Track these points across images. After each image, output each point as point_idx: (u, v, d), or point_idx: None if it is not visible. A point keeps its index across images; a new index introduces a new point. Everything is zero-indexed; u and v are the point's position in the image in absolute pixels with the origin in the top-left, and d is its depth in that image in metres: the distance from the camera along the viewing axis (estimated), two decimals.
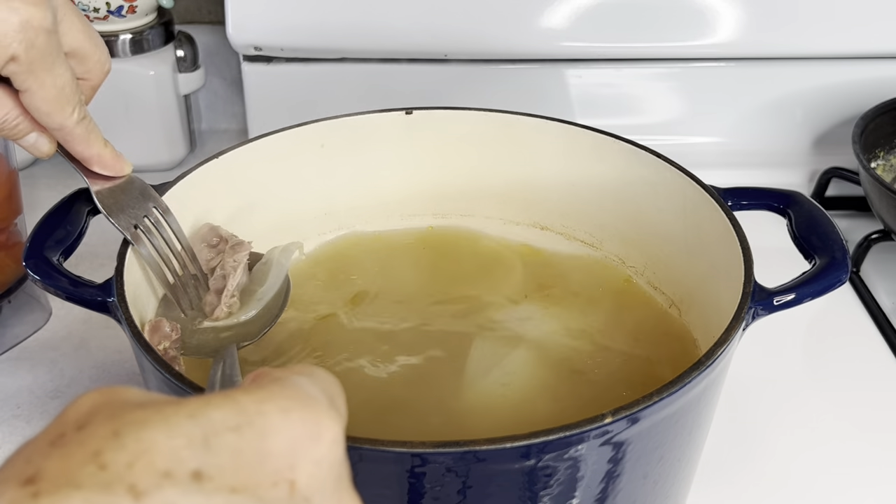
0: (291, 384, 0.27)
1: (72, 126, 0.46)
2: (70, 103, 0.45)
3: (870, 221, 0.80)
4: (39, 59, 0.42)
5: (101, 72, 0.48)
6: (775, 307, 0.46)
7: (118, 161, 0.50)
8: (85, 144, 0.47)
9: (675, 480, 0.46)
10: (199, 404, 0.25)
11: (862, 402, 0.64)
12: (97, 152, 0.48)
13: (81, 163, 0.49)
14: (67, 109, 0.45)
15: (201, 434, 0.24)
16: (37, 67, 0.42)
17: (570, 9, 0.84)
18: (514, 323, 0.57)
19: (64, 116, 0.45)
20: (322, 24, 0.84)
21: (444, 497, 0.38)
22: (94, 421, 0.24)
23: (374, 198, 0.65)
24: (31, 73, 0.42)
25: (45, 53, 0.42)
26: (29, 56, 0.41)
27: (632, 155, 0.58)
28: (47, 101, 0.44)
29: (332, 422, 0.26)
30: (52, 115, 0.45)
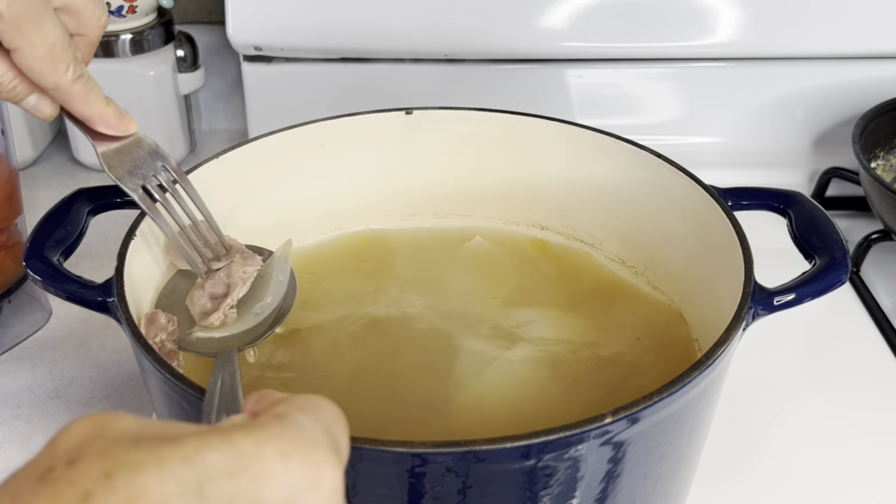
0: (294, 424, 0.26)
1: (67, 84, 0.44)
2: (63, 61, 0.43)
3: (870, 221, 0.80)
4: (25, 15, 0.41)
5: (96, 26, 0.46)
6: (775, 307, 0.46)
7: (122, 119, 0.48)
8: (85, 103, 0.45)
9: (676, 480, 0.46)
10: (197, 446, 0.24)
11: (862, 403, 0.64)
12: (99, 111, 0.46)
13: (85, 124, 0.47)
14: (61, 67, 0.43)
15: (196, 481, 0.23)
16: (23, 24, 0.41)
17: (571, 9, 0.84)
18: (512, 323, 0.57)
19: (58, 75, 0.43)
20: (322, 24, 0.84)
21: (444, 497, 0.38)
22: (85, 456, 0.23)
23: (374, 198, 0.65)
24: (17, 30, 0.41)
25: (31, 9, 0.41)
26: (12, 12, 0.40)
27: (632, 155, 0.58)
28: (38, 60, 0.42)
29: (333, 469, 0.26)
30: (45, 74, 0.43)
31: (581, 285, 0.61)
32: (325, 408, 0.28)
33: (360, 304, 0.59)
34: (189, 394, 0.39)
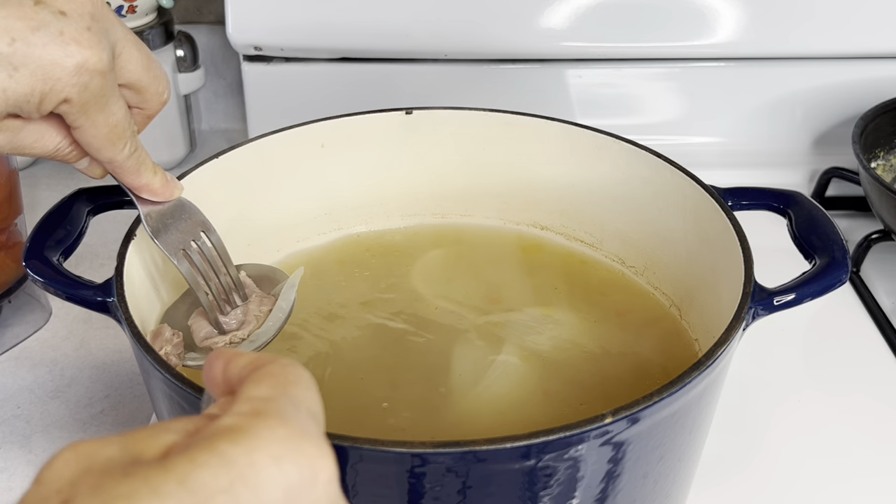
0: (278, 418, 0.26)
1: (122, 160, 0.45)
2: (122, 139, 0.44)
3: (870, 221, 0.80)
4: (93, 101, 0.41)
5: (158, 103, 0.47)
6: (775, 307, 0.46)
7: (166, 187, 0.49)
8: (135, 175, 0.47)
9: (676, 480, 0.46)
10: (187, 467, 0.23)
11: (862, 403, 0.64)
12: (146, 181, 0.47)
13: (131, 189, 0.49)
14: (119, 146, 0.44)
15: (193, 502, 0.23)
16: (90, 108, 0.41)
17: (570, 9, 0.84)
18: (512, 323, 0.57)
19: (115, 152, 0.44)
20: (322, 24, 0.84)
21: (444, 497, 0.38)
22: (78, 495, 0.23)
23: (374, 198, 0.65)
24: (83, 113, 0.41)
25: (99, 95, 0.41)
26: (82, 98, 0.40)
27: (632, 155, 0.58)
28: (98, 139, 0.43)
29: (326, 459, 0.25)
30: (102, 150, 0.44)
31: (581, 285, 0.61)
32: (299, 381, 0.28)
33: (360, 305, 0.59)
34: (189, 394, 0.39)
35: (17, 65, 0.38)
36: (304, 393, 0.28)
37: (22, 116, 0.41)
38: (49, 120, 0.43)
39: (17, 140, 0.42)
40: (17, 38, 0.38)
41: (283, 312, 0.52)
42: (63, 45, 0.39)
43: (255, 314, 0.52)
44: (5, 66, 0.38)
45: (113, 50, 0.42)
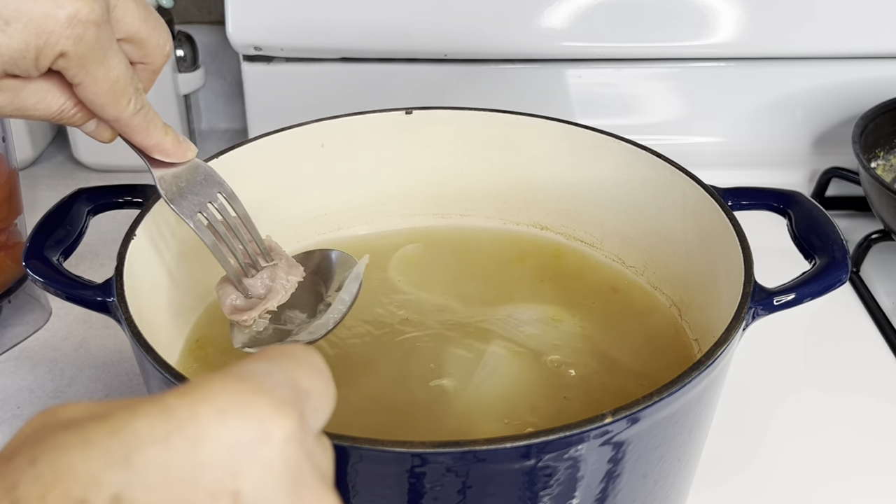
0: (238, 376, 0.24)
1: (128, 118, 0.44)
2: (125, 95, 0.43)
3: (870, 221, 0.80)
4: (90, 54, 0.40)
5: (160, 55, 0.46)
6: (775, 307, 0.46)
7: (179, 147, 0.47)
8: (144, 134, 0.45)
9: (676, 480, 0.46)
10: (125, 416, 0.22)
11: (862, 402, 0.64)
12: (157, 141, 0.46)
13: (143, 151, 0.47)
14: (122, 102, 0.43)
15: (122, 452, 0.22)
16: (87, 62, 0.40)
17: (570, 9, 0.84)
18: (512, 323, 0.57)
19: (119, 109, 0.43)
20: (322, 24, 0.84)
21: (444, 497, 0.38)
22: (22, 448, 0.22)
23: (374, 198, 0.65)
24: (81, 67, 0.40)
25: (95, 47, 0.40)
26: (78, 51, 0.39)
27: (632, 155, 0.58)
28: (100, 95, 0.42)
29: (283, 418, 0.24)
30: (105, 107, 0.42)
31: (581, 285, 0.61)
32: (300, 360, 0.27)
33: (359, 304, 0.58)
34: None
35: (9, 19, 0.38)
36: (300, 371, 0.26)
37: (21, 76, 0.40)
38: (50, 79, 0.42)
39: (19, 100, 0.41)
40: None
41: (344, 305, 0.50)
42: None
43: (282, 283, 0.50)
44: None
45: (108, 2, 0.41)
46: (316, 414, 0.27)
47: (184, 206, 0.47)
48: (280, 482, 0.23)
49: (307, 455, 0.25)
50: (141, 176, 0.53)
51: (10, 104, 0.41)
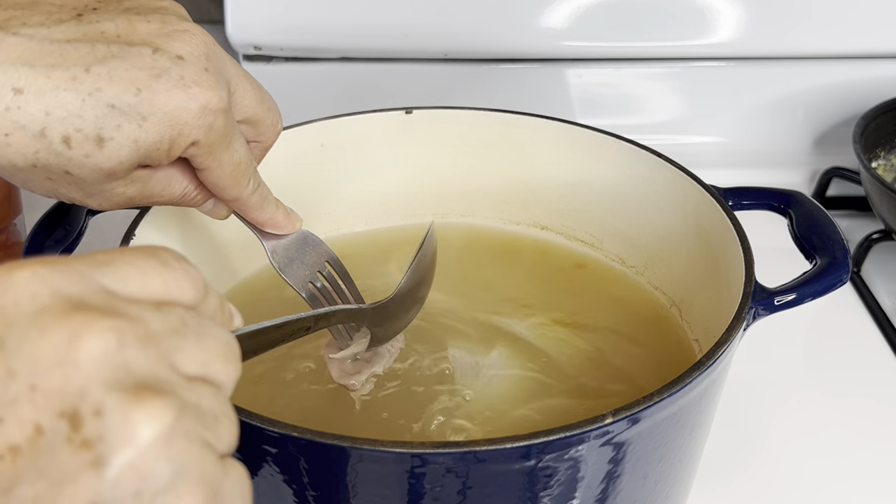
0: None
1: (247, 197, 0.45)
2: (245, 176, 0.44)
3: (871, 221, 0.80)
4: (218, 141, 0.41)
5: (273, 134, 0.47)
6: (776, 307, 0.46)
7: (289, 220, 0.49)
8: (259, 211, 0.47)
9: (676, 481, 0.46)
10: None
11: (863, 403, 0.64)
12: (270, 216, 0.48)
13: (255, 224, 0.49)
14: (243, 183, 0.44)
15: None
16: (215, 148, 0.41)
17: (570, 9, 0.84)
18: (511, 323, 0.57)
19: (239, 190, 0.45)
20: (322, 23, 0.84)
21: (444, 498, 0.38)
22: None
23: (374, 198, 0.65)
24: (210, 154, 0.41)
25: (224, 134, 0.41)
26: (209, 139, 0.41)
27: (632, 155, 0.58)
28: (224, 178, 0.43)
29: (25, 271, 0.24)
30: (227, 189, 0.44)
31: (581, 285, 0.61)
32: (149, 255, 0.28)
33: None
34: None
35: (146, 114, 0.38)
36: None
37: (151, 165, 0.41)
38: (174, 166, 0.43)
39: (147, 189, 0.42)
40: (142, 87, 0.38)
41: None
42: (185, 89, 0.39)
43: (387, 348, 0.52)
44: (134, 118, 0.38)
45: (228, 87, 0.42)
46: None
47: (295, 276, 0.49)
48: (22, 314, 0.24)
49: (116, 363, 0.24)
50: None
51: (140, 193, 0.42)
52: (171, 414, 0.24)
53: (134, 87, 0.38)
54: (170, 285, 0.27)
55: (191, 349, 0.26)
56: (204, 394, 0.26)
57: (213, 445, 0.26)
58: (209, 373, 0.27)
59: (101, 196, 0.41)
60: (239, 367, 0.28)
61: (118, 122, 0.38)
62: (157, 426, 0.24)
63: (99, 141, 0.38)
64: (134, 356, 0.24)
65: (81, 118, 0.37)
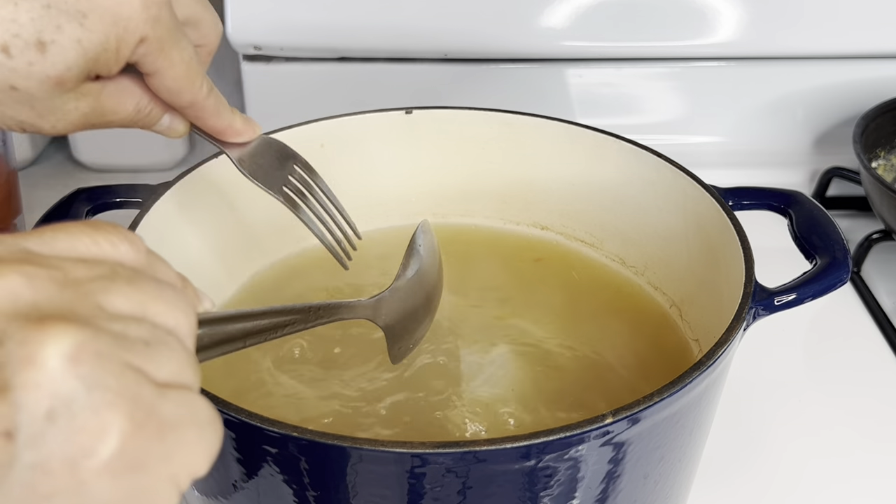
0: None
1: (202, 100, 0.43)
2: (198, 76, 0.42)
3: (871, 221, 0.80)
4: (167, 36, 0.39)
5: (215, 35, 0.46)
6: (776, 307, 0.46)
7: (248, 125, 0.47)
8: (217, 116, 0.45)
9: (676, 481, 0.46)
10: None
11: (863, 403, 0.64)
12: (228, 122, 0.46)
13: (213, 136, 0.47)
14: (196, 83, 0.42)
15: None
16: (165, 44, 0.39)
17: (570, 9, 0.84)
18: (511, 324, 0.57)
19: (194, 91, 0.42)
20: (322, 23, 0.84)
21: (445, 498, 0.38)
22: None
23: (374, 198, 0.65)
24: (161, 51, 0.39)
25: (171, 28, 0.39)
26: (157, 33, 0.39)
27: (632, 155, 0.58)
28: (177, 79, 0.41)
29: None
30: (182, 92, 0.42)
31: (581, 285, 0.61)
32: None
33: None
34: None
35: (86, 11, 0.37)
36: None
37: (100, 76, 0.39)
38: (125, 76, 0.41)
39: (100, 105, 0.40)
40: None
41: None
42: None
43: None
44: (74, 16, 0.37)
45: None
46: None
47: (268, 182, 0.48)
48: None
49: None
50: (140, 176, 0.53)
51: (93, 109, 0.41)
52: (77, 336, 0.24)
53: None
54: (102, 245, 0.27)
55: (122, 290, 0.26)
56: (134, 325, 0.26)
57: (143, 369, 0.25)
58: (147, 313, 0.26)
59: (54, 115, 0.39)
60: (190, 313, 0.28)
61: (57, 22, 0.36)
62: (61, 347, 0.23)
63: (40, 45, 0.36)
64: (46, 295, 0.24)
65: (16, 22, 0.36)
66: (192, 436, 0.26)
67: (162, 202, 0.52)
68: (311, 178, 0.50)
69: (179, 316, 0.27)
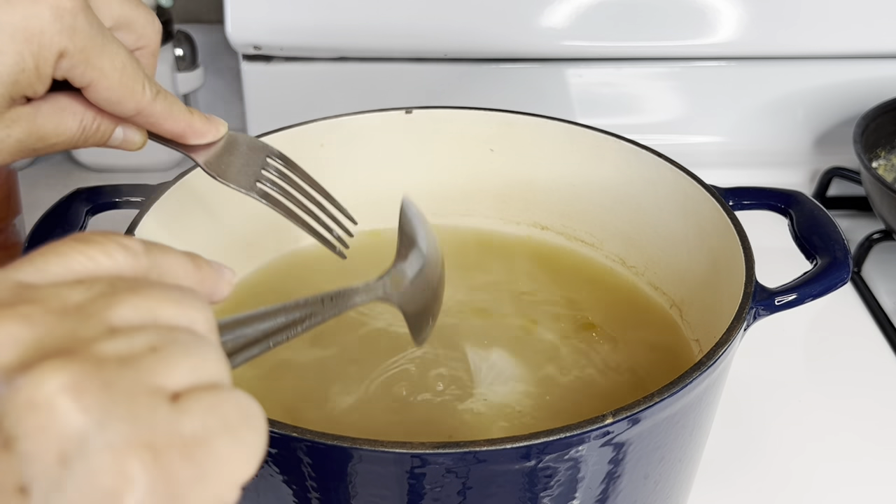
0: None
1: (148, 104, 0.40)
2: (137, 80, 0.39)
3: (871, 221, 0.80)
4: (89, 44, 0.37)
5: (153, 33, 0.43)
6: (777, 307, 0.46)
7: (210, 124, 0.44)
8: (171, 120, 0.42)
9: (676, 481, 0.46)
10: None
11: (863, 403, 0.64)
12: (186, 123, 0.43)
13: (174, 140, 0.44)
14: (137, 88, 0.39)
15: None
16: (89, 53, 0.37)
17: (571, 8, 0.84)
18: (511, 324, 0.57)
19: (136, 97, 0.40)
20: (322, 23, 0.84)
21: (444, 498, 0.38)
22: None
23: (374, 198, 0.64)
24: (85, 62, 0.37)
25: (92, 34, 0.37)
26: (76, 44, 0.36)
27: (632, 154, 0.58)
28: (112, 89, 0.39)
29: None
30: (123, 101, 0.39)
31: (581, 286, 0.61)
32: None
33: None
34: None
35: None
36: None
37: (29, 96, 0.38)
38: (59, 97, 0.39)
39: (37, 129, 0.38)
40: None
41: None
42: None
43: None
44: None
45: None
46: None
47: (240, 180, 0.45)
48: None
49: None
50: (140, 176, 0.53)
51: (29, 134, 0.38)
52: (75, 367, 0.22)
53: None
54: (98, 259, 0.26)
55: (126, 301, 0.25)
56: (139, 334, 0.24)
57: (155, 382, 0.23)
58: (159, 318, 0.25)
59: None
60: (205, 308, 0.26)
61: None
62: (59, 381, 0.21)
63: None
64: (47, 331, 0.23)
65: None
66: (224, 446, 0.23)
67: (161, 202, 0.52)
68: (289, 170, 0.47)
69: (192, 312, 0.26)
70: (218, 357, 0.25)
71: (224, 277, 0.30)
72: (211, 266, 0.30)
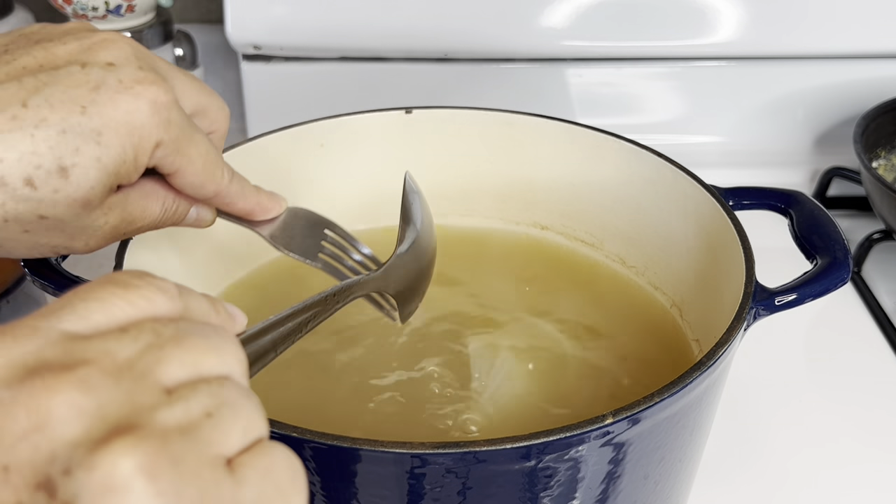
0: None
1: (226, 187, 0.43)
2: (218, 166, 0.42)
3: (871, 221, 0.80)
4: (181, 135, 0.40)
5: (224, 119, 0.46)
6: (777, 307, 0.46)
7: (275, 201, 0.47)
8: (243, 199, 0.45)
9: (676, 481, 0.46)
10: None
11: (863, 403, 0.64)
12: (255, 201, 0.46)
13: (242, 217, 0.47)
14: (217, 173, 0.42)
15: None
16: (181, 143, 0.40)
17: (571, 8, 0.84)
18: (512, 324, 0.57)
19: (217, 181, 0.42)
20: (322, 23, 0.84)
21: (444, 498, 0.38)
22: None
23: (374, 198, 0.64)
24: (177, 151, 0.40)
25: (182, 126, 0.40)
26: (171, 135, 0.39)
27: (632, 154, 0.58)
28: (198, 174, 0.41)
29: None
30: (205, 185, 0.42)
31: (581, 286, 0.61)
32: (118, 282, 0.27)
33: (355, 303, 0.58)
34: None
35: (100, 129, 0.37)
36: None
37: (122, 185, 0.40)
38: (147, 181, 0.41)
39: (127, 213, 0.41)
40: (86, 104, 0.37)
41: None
42: (128, 91, 0.38)
43: None
44: (90, 136, 0.37)
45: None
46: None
47: (305, 251, 0.48)
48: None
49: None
50: None
51: (122, 220, 0.41)
52: (147, 446, 0.23)
53: (78, 107, 0.37)
54: (138, 304, 0.27)
55: (173, 356, 0.25)
56: (194, 398, 0.25)
57: (216, 452, 0.24)
58: (203, 371, 0.26)
59: (85, 234, 0.40)
60: (238, 352, 0.27)
61: (75, 145, 0.36)
62: (134, 463, 0.22)
63: (62, 171, 0.37)
64: (107, 397, 0.23)
65: (36, 154, 0.36)
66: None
67: None
68: (346, 240, 0.49)
69: (229, 359, 0.27)
70: (259, 412, 0.26)
71: (237, 321, 0.31)
72: (226, 309, 0.31)
